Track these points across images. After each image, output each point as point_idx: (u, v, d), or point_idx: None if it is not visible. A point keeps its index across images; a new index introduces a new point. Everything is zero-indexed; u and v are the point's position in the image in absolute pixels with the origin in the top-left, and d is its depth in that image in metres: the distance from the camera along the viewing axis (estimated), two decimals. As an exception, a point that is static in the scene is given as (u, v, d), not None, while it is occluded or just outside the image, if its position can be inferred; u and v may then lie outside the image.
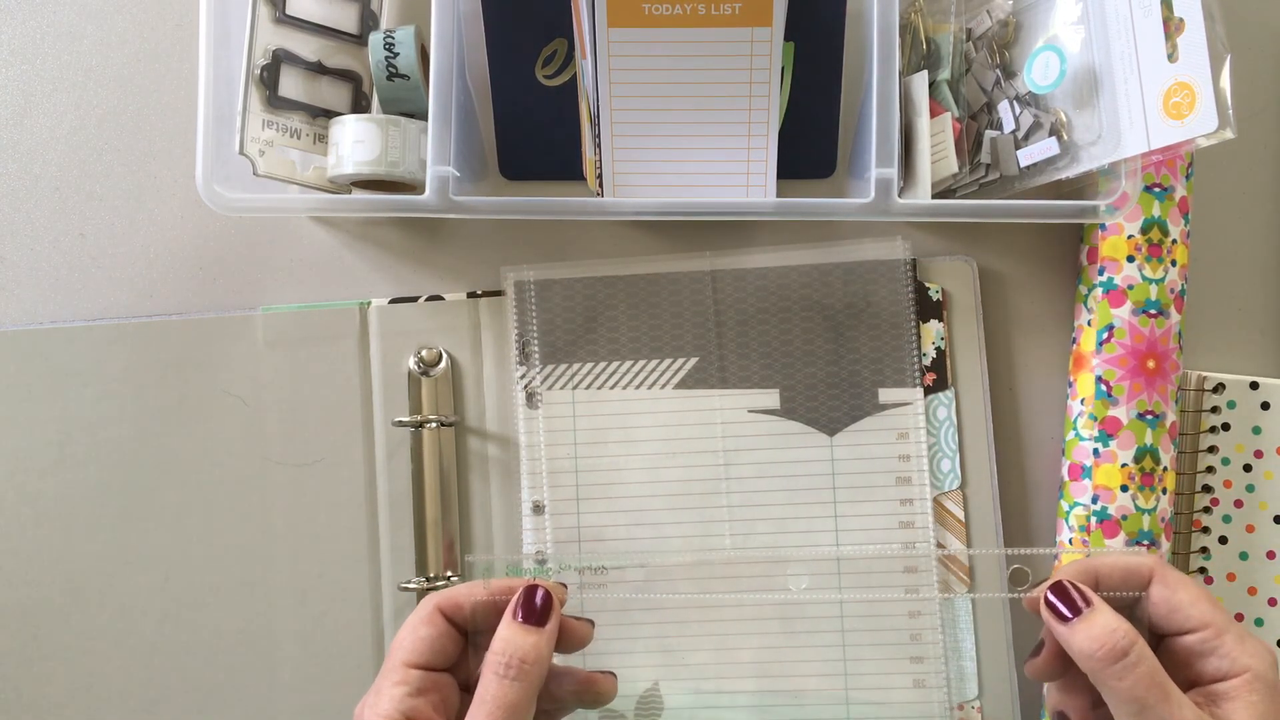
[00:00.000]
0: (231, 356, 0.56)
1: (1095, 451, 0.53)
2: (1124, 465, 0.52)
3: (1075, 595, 0.42)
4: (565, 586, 0.45)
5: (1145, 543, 0.51)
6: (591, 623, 0.46)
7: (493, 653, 0.42)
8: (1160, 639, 0.43)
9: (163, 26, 0.58)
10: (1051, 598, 0.42)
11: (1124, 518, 0.52)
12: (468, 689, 0.44)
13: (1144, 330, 0.52)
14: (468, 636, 0.45)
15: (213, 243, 0.57)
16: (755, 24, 0.47)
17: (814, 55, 0.53)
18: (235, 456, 0.55)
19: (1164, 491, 0.52)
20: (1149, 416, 0.52)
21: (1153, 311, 0.52)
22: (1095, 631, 0.40)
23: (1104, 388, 0.52)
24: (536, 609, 0.43)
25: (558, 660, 0.51)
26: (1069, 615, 0.41)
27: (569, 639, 0.46)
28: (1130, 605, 0.43)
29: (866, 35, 0.50)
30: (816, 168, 0.56)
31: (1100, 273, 0.53)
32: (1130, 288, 0.52)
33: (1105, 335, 0.53)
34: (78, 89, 0.58)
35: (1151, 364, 0.52)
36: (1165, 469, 0.52)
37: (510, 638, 0.42)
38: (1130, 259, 0.52)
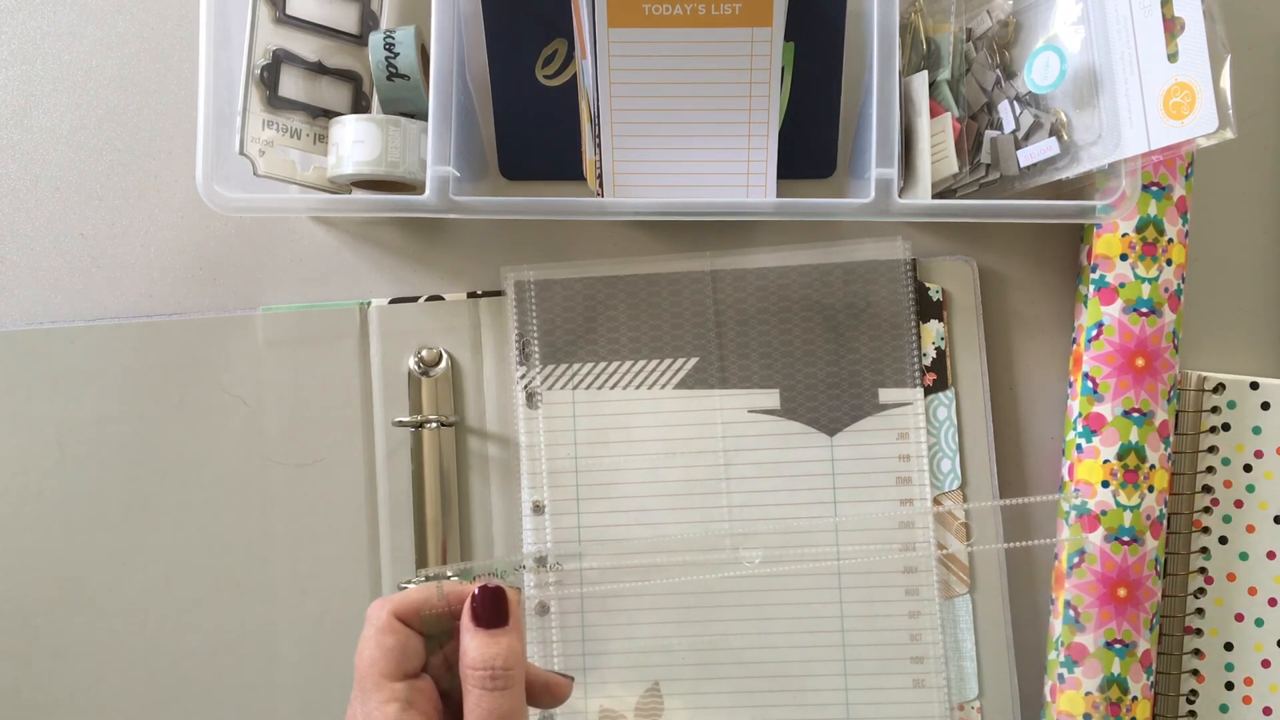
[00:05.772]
0: (231, 356, 0.56)
1: (1079, 447, 0.53)
2: (1106, 461, 0.52)
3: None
4: (519, 590, 0.44)
5: (1127, 539, 0.51)
6: (571, 679, 0.46)
7: (469, 668, 0.41)
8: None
9: (163, 26, 0.58)
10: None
11: (1103, 513, 0.52)
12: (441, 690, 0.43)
13: (1134, 328, 0.52)
14: (425, 639, 0.43)
15: (213, 243, 0.57)
16: (755, 24, 0.47)
17: (814, 55, 0.53)
18: (235, 456, 0.55)
19: (1150, 489, 0.52)
20: (1135, 414, 0.52)
21: (1144, 310, 0.52)
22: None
23: (1090, 384, 0.53)
24: (492, 610, 0.41)
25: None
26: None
27: (549, 693, 0.45)
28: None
29: (866, 35, 0.50)
30: (816, 168, 0.56)
31: (1094, 270, 0.53)
32: (1122, 285, 0.52)
33: (1094, 332, 0.53)
34: (78, 89, 0.58)
35: (1141, 362, 0.52)
36: (1153, 467, 0.52)
37: (481, 648, 0.41)
38: (1124, 257, 0.52)
